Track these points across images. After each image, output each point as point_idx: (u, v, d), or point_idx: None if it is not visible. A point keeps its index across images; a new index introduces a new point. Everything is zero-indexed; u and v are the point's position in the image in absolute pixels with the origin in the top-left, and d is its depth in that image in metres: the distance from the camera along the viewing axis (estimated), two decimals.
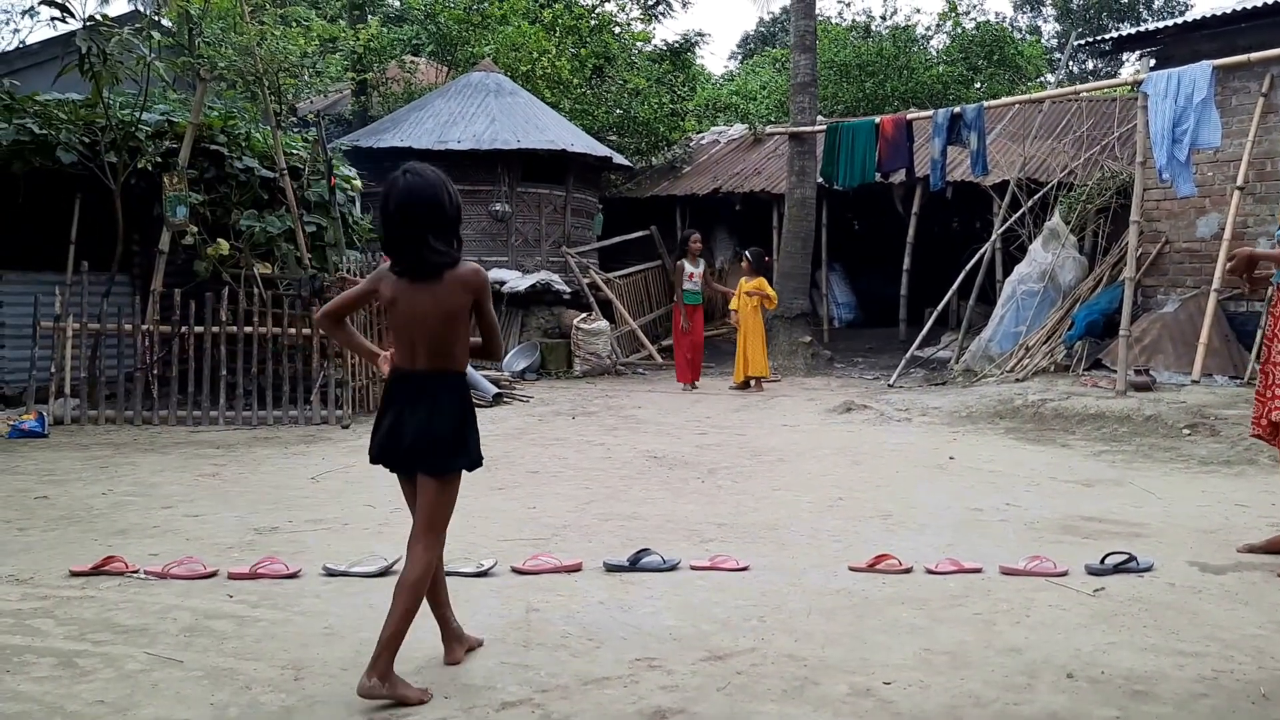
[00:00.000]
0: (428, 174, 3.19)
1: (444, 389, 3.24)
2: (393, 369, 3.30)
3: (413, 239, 3.13)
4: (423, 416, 3.19)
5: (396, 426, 3.22)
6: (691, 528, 5.36)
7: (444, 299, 3.18)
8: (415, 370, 3.23)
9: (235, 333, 9.14)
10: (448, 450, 3.21)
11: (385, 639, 3.07)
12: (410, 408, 3.21)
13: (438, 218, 3.15)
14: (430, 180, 3.17)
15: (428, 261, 3.15)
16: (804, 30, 14.49)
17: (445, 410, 3.22)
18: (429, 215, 3.14)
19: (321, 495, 6.17)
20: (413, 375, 3.23)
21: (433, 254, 3.14)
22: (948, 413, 9.55)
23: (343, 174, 10.91)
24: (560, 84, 17.83)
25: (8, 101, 9.45)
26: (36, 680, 3.23)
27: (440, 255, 3.15)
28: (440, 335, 3.19)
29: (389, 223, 3.17)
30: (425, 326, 3.18)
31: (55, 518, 5.47)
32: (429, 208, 3.14)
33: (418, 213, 3.13)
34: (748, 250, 12.48)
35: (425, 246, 3.13)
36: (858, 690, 3.20)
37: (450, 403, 3.23)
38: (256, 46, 10.42)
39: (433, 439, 3.19)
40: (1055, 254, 11.85)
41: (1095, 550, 4.77)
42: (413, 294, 3.18)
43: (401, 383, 3.26)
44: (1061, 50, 28.52)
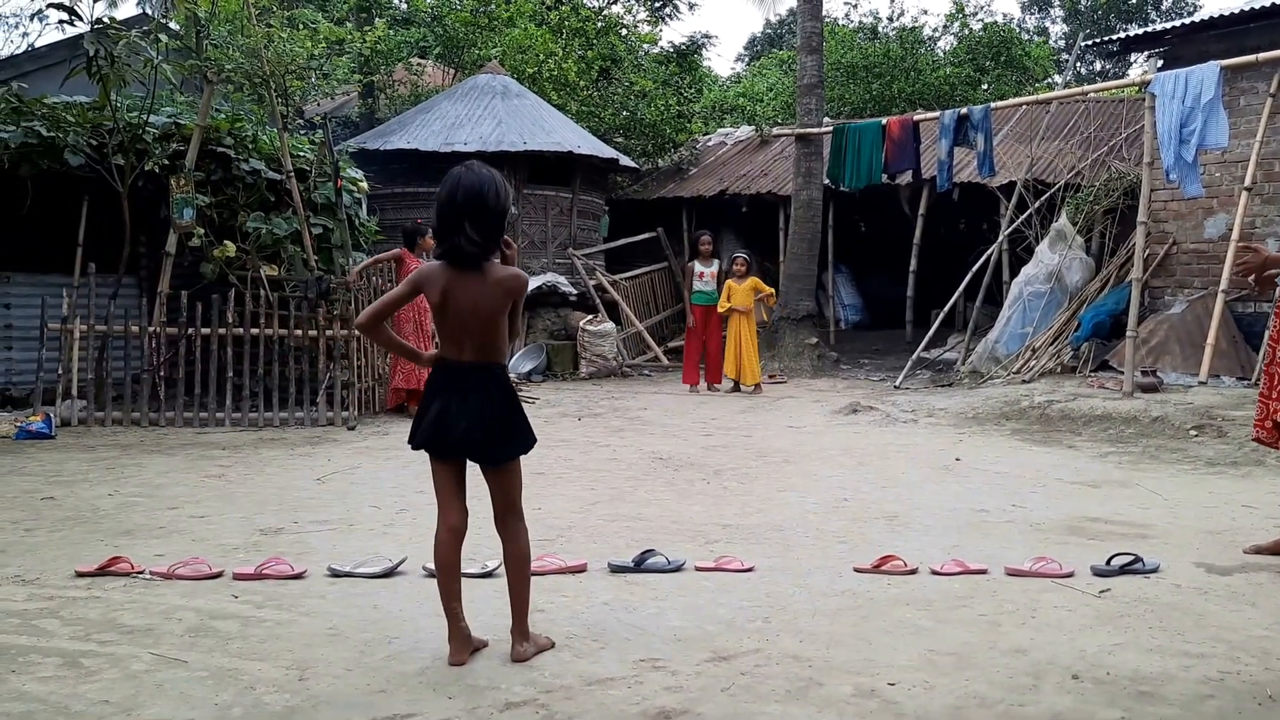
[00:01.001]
0: (481, 172, 3.42)
1: (492, 381, 3.45)
2: (437, 360, 3.50)
3: (453, 226, 3.35)
4: (475, 410, 3.41)
5: (445, 415, 3.42)
6: (697, 529, 5.35)
7: (489, 294, 3.39)
8: (462, 362, 3.43)
9: (242, 334, 9.16)
10: (505, 441, 3.47)
11: (518, 608, 3.45)
12: (459, 399, 3.41)
13: (477, 210, 3.36)
14: (481, 177, 3.40)
15: (462, 249, 3.35)
16: (811, 32, 14.49)
17: (496, 403, 3.44)
18: (469, 206, 3.35)
19: (327, 496, 6.17)
20: (460, 366, 3.44)
21: (468, 242, 3.34)
22: (954, 414, 9.53)
23: (349, 176, 10.93)
24: (567, 86, 17.85)
25: (16, 104, 9.49)
26: (42, 680, 3.23)
27: (474, 245, 3.35)
28: (484, 329, 3.42)
29: (439, 209, 3.41)
30: (473, 320, 3.39)
31: (61, 518, 5.49)
32: (471, 199, 3.35)
33: (462, 203, 3.35)
34: (740, 253, 12.50)
35: (462, 234, 3.34)
36: (862, 691, 3.19)
37: (499, 394, 3.46)
38: (264, 49, 10.44)
39: (489, 432, 3.42)
40: (1062, 255, 11.83)
41: (1101, 551, 4.75)
42: (461, 288, 3.38)
43: (448, 373, 3.46)
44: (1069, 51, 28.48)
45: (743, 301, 11.84)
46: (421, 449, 3.50)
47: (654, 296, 16.49)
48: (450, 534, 3.48)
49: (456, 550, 3.49)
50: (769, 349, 14.29)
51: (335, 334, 9.33)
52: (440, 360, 3.49)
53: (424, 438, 3.47)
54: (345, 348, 9.38)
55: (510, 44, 17.69)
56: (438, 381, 3.48)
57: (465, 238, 3.33)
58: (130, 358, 9.55)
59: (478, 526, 3.62)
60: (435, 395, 3.46)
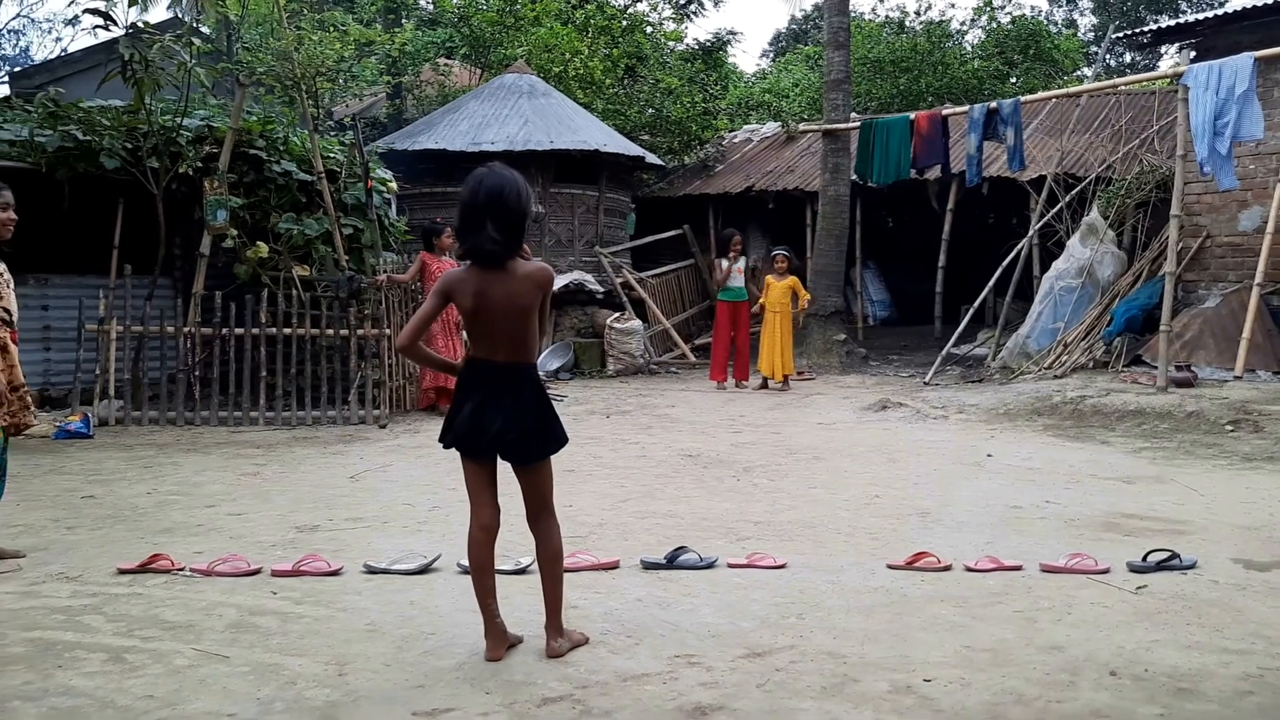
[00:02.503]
0: (504, 174, 3.46)
1: (524, 381, 3.50)
2: (468, 360, 3.54)
3: (475, 225, 3.39)
4: (508, 410, 3.45)
5: (479, 415, 3.45)
6: (728, 526, 5.36)
7: (519, 292, 3.43)
8: (494, 361, 3.47)
9: (274, 334, 9.25)
10: (538, 441, 3.51)
11: (552, 605, 3.50)
12: (493, 399, 3.45)
13: (499, 210, 3.39)
14: (503, 178, 3.44)
15: (483, 248, 3.39)
16: (838, 27, 14.44)
17: (529, 403, 3.48)
18: (491, 206, 3.39)
19: (360, 494, 6.23)
20: (493, 366, 3.48)
21: (488, 241, 3.38)
22: (985, 410, 9.48)
23: (379, 176, 11.00)
24: (593, 84, 17.87)
25: (53, 109, 9.62)
26: (87, 675, 3.29)
27: (495, 244, 3.39)
28: (517, 328, 3.45)
29: (461, 209, 3.45)
30: (503, 319, 3.43)
31: (102, 516, 5.57)
32: (493, 199, 3.40)
33: (483, 202, 3.39)
34: (781, 249, 12.36)
35: (483, 234, 3.38)
36: (898, 687, 3.19)
37: (531, 395, 3.50)
38: (294, 51, 10.52)
39: (523, 433, 3.46)
40: (1093, 249, 11.73)
41: (1137, 548, 4.72)
42: (490, 288, 3.41)
43: (480, 373, 3.49)
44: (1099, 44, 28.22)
45: (778, 300, 11.74)
46: (453, 448, 3.53)
47: (681, 294, 16.48)
48: (483, 532, 3.51)
49: (490, 548, 3.52)
50: (797, 345, 14.25)
51: (366, 333, 9.40)
52: (472, 360, 3.53)
53: (457, 437, 3.50)
54: (376, 347, 9.45)
55: (536, 43, 17.74)
56: (470, 381, 3.51)
57: (487, 237, 3.37)
58: (166, 358, 9.66)
59: (509, 524, 3.65)
60: (468, 395, 3.49)
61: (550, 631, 3.50)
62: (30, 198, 9.89)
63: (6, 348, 4.64)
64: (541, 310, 3.53)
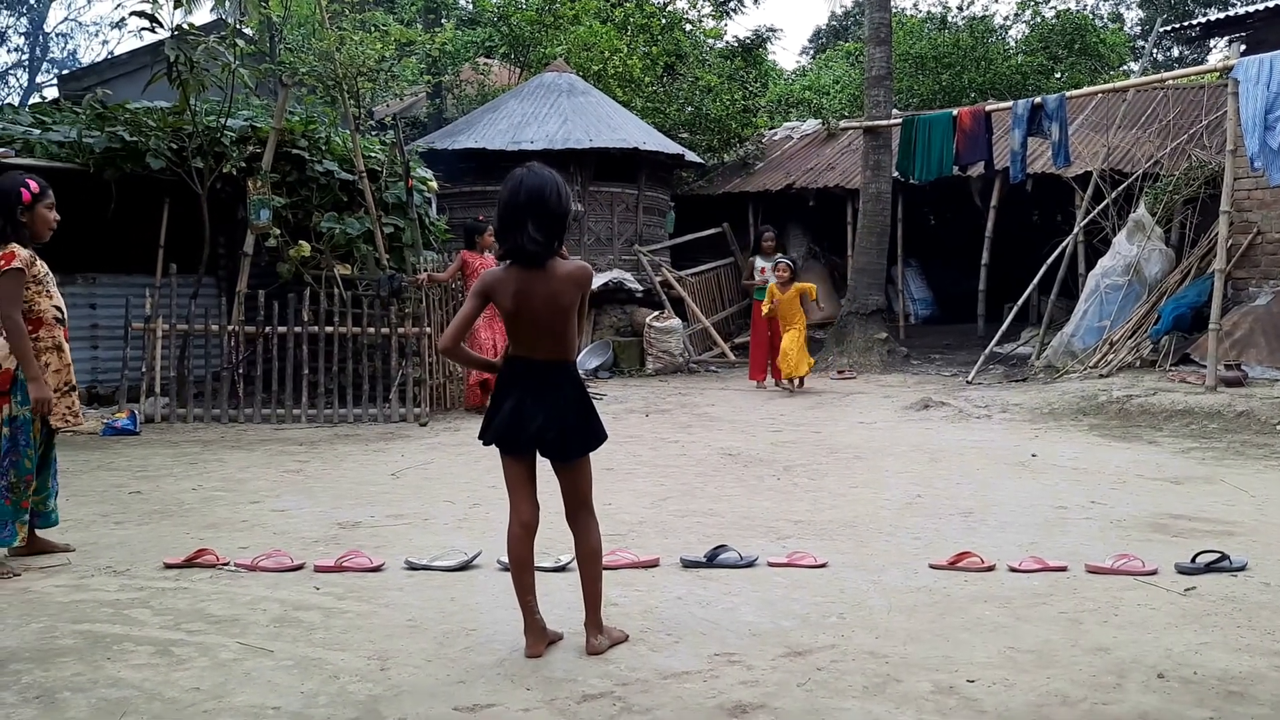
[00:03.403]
0: (543, 173, 3.47)
1: (565, 379, 3.51)
2: (508, 357, 3.54)
3: (516, 225, 3.40)
4: (550, 407, 3.46)
5: (519, 412, 3.46)
6: (768, 525, 5.34)
7: (559, 291, 3.43)
8: (535, 359, 3.48)
9: (316, 333, 9.34)
10: (579, 438, 3.53)
11: (591, 602, 3.50)
12: (534, 396, 3.46)
13: (540, 210, 3.40)
14: (543, 178, 3.45)
15: (525, 249, 3.39)
16: (879, 23, 14.32)
17: (570, 400, 3.50)
18: (532, 206, 3.40)
19: (402, 491, 6.28)
20: (533, 364, 3.49)
21: (530, 241, 3.39)
22: (1029, 409, 9.37)
23: (419, 175, 11.07)
24: (632, 82, 17.87)
25: (100, 111, 9.78)
26: (135, 667, 3.34)
27: (536, 244, 3.39)
28: (557, 326, 3.46)
29: (501, 210, 3.46)
30: (544, 318, 3.44)
31: (149, 512, 5.65)
32: (534, 200, 3.40)
33: (525, 203, 3.40)
34: (783, 258, 11.68)
35: (525, 234, 3.38)
36: (941, 688, 3.16)
37: (573, 392, 3.52)
38: (336, 52, 10.62)
39: (564, 430, 3.47)
40: (1140, 246, 11.55)
41: (1185, 549, 4.64)
42: (530, 287, 3.42)
43: (520, 370, 3.50)
44: (1146, 37, 27.78)
45: (787, 310, 11.20)
46: (494, 445, 3.54)
47: (720, 292, 16.43)
48: (523, 529, 3.52)
49: (529, 545, 3.53)
50: (838, 344, 14.16)
51: (407, 332, 9.47)
52: (512, 358, 3.53)
53: (498, 434, 3.51)
54: (417, 345, 9.52)
55: (576, 42, 17.76)
56: (510, 378, 3.52)
57: (528, 237, 3.38)
58: (210, 356, 9.80)
59: (550, 522, 3.67)
60: (508, 392, 3.50)
61: (590, 629, 3.50)
62: (79, 198, 10.11)
63: (61, 347, 4.72)
64: (580, 308, 3.54)
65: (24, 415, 4.53)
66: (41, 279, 4.65)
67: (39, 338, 4.62)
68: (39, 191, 4.61)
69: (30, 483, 4.56)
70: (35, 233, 4.63)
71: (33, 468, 4.58)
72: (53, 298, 4.72)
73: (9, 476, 4.48)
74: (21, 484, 4.52)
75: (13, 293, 4.47)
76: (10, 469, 4.49)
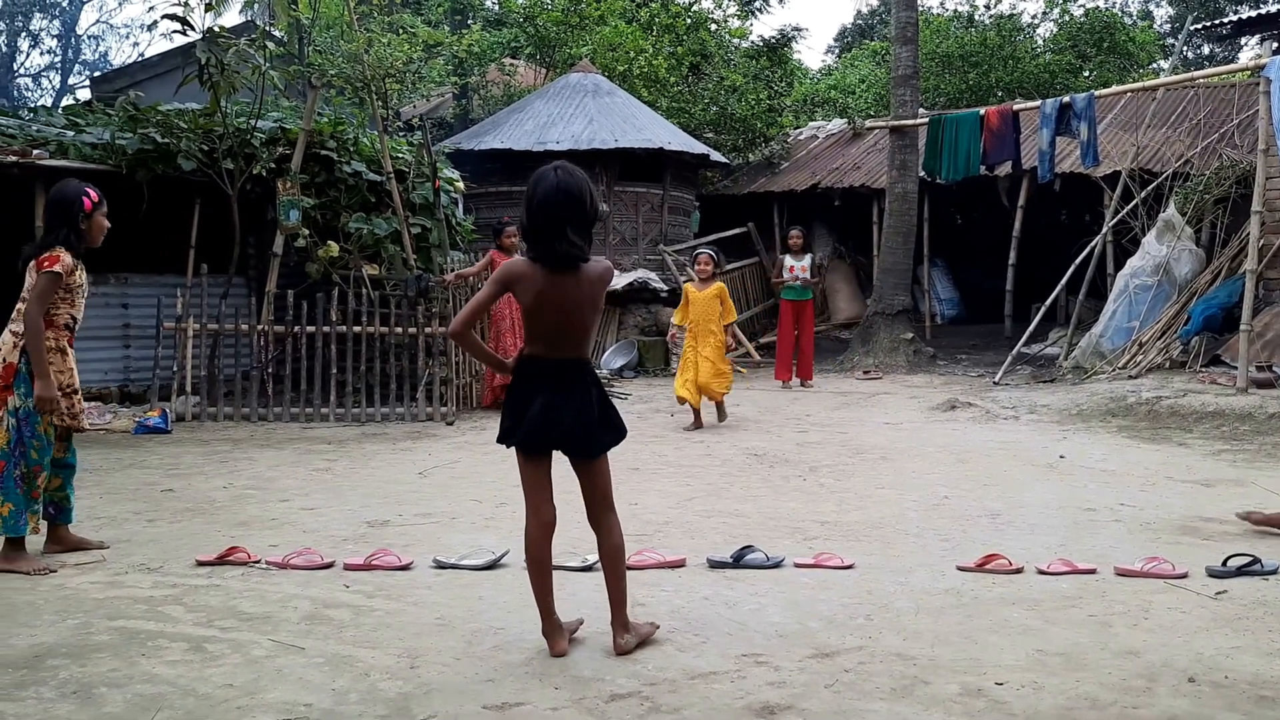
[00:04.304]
0: (576, 173, 3.43)
1: (588, 377, 3.52)
2: (525, 357, 3.51)
3: (553, 229, 3.36)
4: (576, 404, 3.46)
5: (549, 412, 3.44)
6: (794, 525, 5.34)
7: (586, 291, 3.43)
8: (557, 358, 3.46)
9: (345, 332, 9.42)
10: (603, 433, 3.54)
11: (616, 600, 3.49)
12: (561, 395, 3.45)
13: (578, 213, 3.39)
14: (578, 179, 3.42)
15: (564, 252, 3.37)
16: (905, 22, 14.26)
17: (593, 398, 3.50)
18: (571, 209, 3.37)
19: (429, 490, 6.32)
20: (556, 363, 3.47)
21: (570, 246, 3.38)
22: (1057, 410, 9.31)
23: (446, 176, 11.13)
24: (657, 82, 17.88)
25: (132, 113, 9.89)
26: (170, 664, 3.39)
27: (575, 248, 3.39)
28: (583, 325, 3.47)
29: (534, 212, 3.40)
30: (572, 317, 3.43)
31: (180, 509, 5.72)
32: (573, 202, 3.38)
33: (562, 205, 3.37)
34: (704, 249, 9.80)
35: (564, 238, 3.36)
36: (969, 690, 3.16)
37: (595, 388, 3.52)
38: (364, 54, 10.70)
39: (590, 426, 3.48)
40: (1170, 246, 11.44)
41: (1216, 552, 4.61)
42: (559, 286, 3.40)
43: (544, 370, 3.48)
44: (1176, 35, 27.51)
45: (703, 314, 8.96)
46: (519, 446, 3.51)
47: (745, 292, 16.41)
48: (543, 530, 3.53)
49: (549, 546, 3.54)
50: (863, 344, 14.12)
51: (434, 331, 9.53)
52: (529, 358, 3.49)
53: (526, 435, 3.47)
54: (444, 345, 9.57)
55: (601, 42, 17.80)
56: (531, 379, 3.48)
57: (566, 241, 3.35)
58: (240, 355, 9.89)
59: (574, 521, 3.68)
60: (534, 392, 3.46)
61: (617, 628, 3.49)
62: (111, 199, 10.22)
63: (65, 350, 4.80)
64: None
65: (27, 407, 4.59)
66: (74, 289, 4.75)
67: (46, 337, 4.66)
68: (98, 200, 4.81)
69: (39, 473, 4.60)
70: (90, 238, 4.81)
71: (41, 459, 4.61)
72: (74, 308, 4.81)
73: (20, 467, 4.56)
74: (30, 474, 4.58)
75: (45, 292, 4.58)
76: (20, 460, 4.56)
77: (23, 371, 4.61)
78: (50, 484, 4.74)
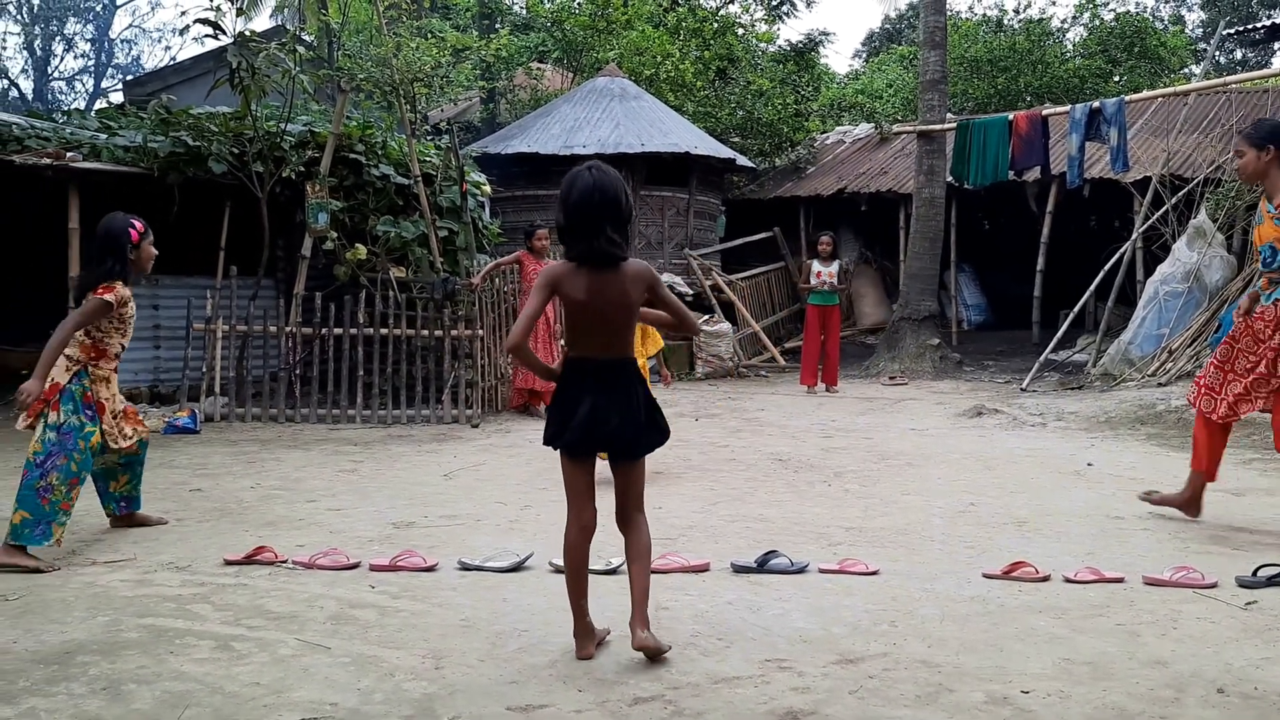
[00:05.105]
0: (610, 172, 3.45)
1: (635, 376, 3.52)
2: (570, 359, 3.51)
3: (592, 228, 3.38)
4: (623, 404, 3.45)
5: (598, 413, 3.43)
6: (819, 531, 5.32)
7: (626, 290, 3.42)
8: (601, 358, 3.46)
9: (372, 334, 9.48)
10: (650, 435, 3.54)
11: (639, 599, 3.43)
12: (607, 395, 3.45)
13: (616, 212, 3.40)
14: (613, 178, 3.44)
15: (604, 251, 3.38)
16: (934, 26, 14.22)
17: (640, 397, 3.50)
18: (609, 208, 3.39)
19: (454, 492, 6.35)
20: (602, 363, 3.46)
21: (610, 244, 3.39)
22: (1085, 418, 9.23)
23: (473, 180, 11.18)
24: (684, 87, 17.91)
25: (164, 116, 10.01)
26: (197, 661, 3.42)
27: (616, 246, 3.40)
28: (625, 324, 3.47)
29: (572, 212, 3.41)
30: (614, 317, 3.43)
31: (209, 509, 5.77)
32: (611, 201, 3.39)
33: (600, 204, 3.38)
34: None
35: (603, 237, 3.37)
36: (994, 698, 3.14)
37: (641, 388, 3.53)
38: (393, 57, 10.77)
39: (638, 425, 3.48)
40: (1201, 253, 11.34)
41: (1247, 562, 4.55)
42: (600, 286, 3.41)
43: (589, 370, 3.47)
44: (1207, 40, 27.24)
45: None
46: (564, 449, 3.50)
47: (770, 297, 16.41)
48: (583, 532, 3.52)
49: (587, 548, 3.54)
50: (889, 350, 14.07)
51: (460, 334, 9.57)
52: (574, 359, 3.50)
53: (574, 438, 3.45)
54: (469, 347, 9.61)
55: (628, 46, 17.84)
56: (577, 380, 3.47)
57: (606, 239, 3.37)
58: (268, 356, 9.97)
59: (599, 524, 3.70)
60: (580, 394, 3.44)
61: (637, 623, 3.40)
62: (143, 201, 10.34)
63: (110, 379, 4.98)
64: (665, 299, 3.54)
65: (72, 422, 4.70)
66: (126, 320, 4.96)
67: (99, 366, 4.89)
68: (144, 230, 5.04)
69: (75, 486, 4.67)
70: (140, 267, 5.05)
71: (79, 472, 4.69)
72: (125, 337, 5.01)
73: (49, 478, 4.60)
74: (65, 487, 4.63)
75: (90, 314, 4.76)
76: (53, 470, 4.61)
77: (71, 390, 4.76)
78: (120, 482, 5.19)
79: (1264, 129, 5.33)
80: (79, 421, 4.73)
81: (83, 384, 4.81)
